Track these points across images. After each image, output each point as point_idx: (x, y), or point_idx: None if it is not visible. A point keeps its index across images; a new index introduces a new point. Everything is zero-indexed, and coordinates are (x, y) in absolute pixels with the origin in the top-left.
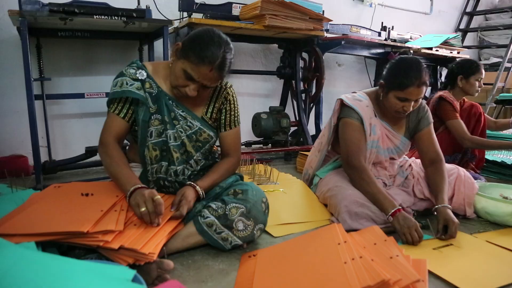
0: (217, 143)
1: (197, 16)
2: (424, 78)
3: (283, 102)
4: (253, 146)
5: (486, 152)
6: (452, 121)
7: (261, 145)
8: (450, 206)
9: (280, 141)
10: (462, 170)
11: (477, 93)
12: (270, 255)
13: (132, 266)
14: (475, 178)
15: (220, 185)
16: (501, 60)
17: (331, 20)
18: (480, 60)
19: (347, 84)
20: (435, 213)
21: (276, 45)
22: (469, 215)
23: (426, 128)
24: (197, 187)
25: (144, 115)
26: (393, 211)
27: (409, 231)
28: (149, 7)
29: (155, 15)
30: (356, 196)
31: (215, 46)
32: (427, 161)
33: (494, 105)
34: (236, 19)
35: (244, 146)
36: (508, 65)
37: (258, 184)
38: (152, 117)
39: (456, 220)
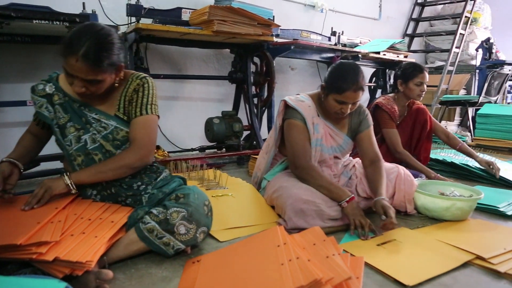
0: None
1: (146, 21)
2: (360, 83)
3: (236, 106)
4: (207, 151)
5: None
6: (387, 130)
7: (215, 150)
8: (387, 199)
9: (233, 145)
10: (402, 169)
11: (419, 98)
12: (214, 260)
13: (69, 277)
14: (416, 176)
15: (163, 190)
16: (445, 63)
17: (279, 26)
18: (426, 63)
19: (300, 88)
20: (374, 208)
21: (228, 50)
22: (410, 212)
23: (366, 130)
24: (65, 177)
25: (57, 126)
26: (348, 198)
27: (360, 218)
28: (95, 11)
29: (102, 19)
30: (301, 194)
31: (82, 35)
32: (367, 161)
33: (439, 106)
34: (186, 24)
35: (197, 151)
36: (451, 68)
37: (207, 189)
38: (67, 125)
39: (392, 208)
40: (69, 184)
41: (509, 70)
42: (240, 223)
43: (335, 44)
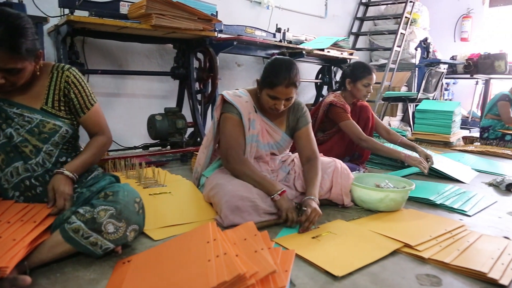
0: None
1: (82, 14)
2: (293, 79)
3: (180, 103)
4: (151, 149)
5: None
6: (345, 122)
7: (160, 148)
8: (316, 199)
9: (177, 142)
10: (339, 163)
11: (365, 98)
12: (144, 260)
13: None
14: (353, 170)
15: (91, 189)
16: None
17: (220, 21)
18: (371, 61)
19: (246, 84)
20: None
21: (171, 45)
22: (347, 204)
23: (304, 128)
24: (65, 171)
25: None
26: (280, 191)
27: (291, 211)
28: (22, 1)
29: (32, 10)
30: (237, 190)
31: None
32: (304, 158)
33: (383, 102)
34: (125, 18)
35: (141, 149)
36: (393, 66)
37: (144, 188)
38: None
39: (317, 208)
40: (73, 177)
41: (444, 69)
42: (176, 221)
43: (280, 41)
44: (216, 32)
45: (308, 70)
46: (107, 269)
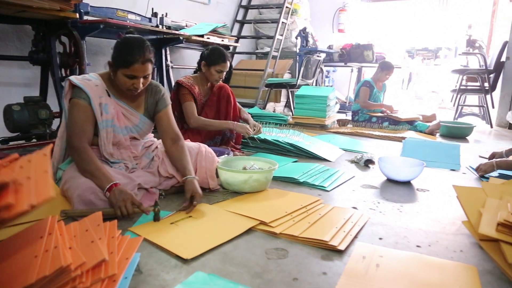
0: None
1: None
2: (147, 56)
3: (44, 91)
4: (12, 142)
5: None
6: (185, 103)
7: (24, 141)
8: (197, 177)
9: (41, 134)
10: (203, 146)
11: (217, 82)
12: None
13: None
14: (222, 153)
15: None
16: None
17: (80, 1)
18: (257, 49)
19: None
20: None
21: (30, 27)
22: (213, 187)
23: (164, 109)
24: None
25: None
26: (109, 186)
27: (124, 204)
28: None
29: None
30: (89, 183)
31: None
32: (168, 140)
33: (266, 88)
34: None
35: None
36: (276, 53)
37: None
38: None
39: (200, 192)
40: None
41: (318, 56)
42: (23, 219)
43: (157, 26)
44: (79, 14)
45: (192, 57)
46: None
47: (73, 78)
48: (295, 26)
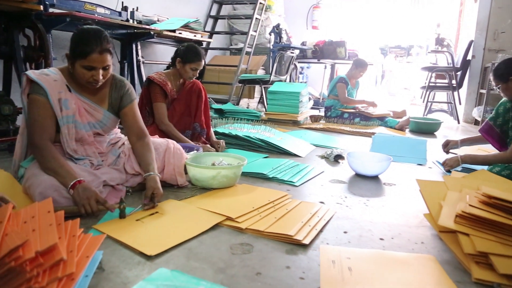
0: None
1: None
2: (105, 45)
3: (7, 86)
4: None
5: (213, 124)
6: (156, 103)
7: None
8: (159, 174)
9: (4, 130)
10: (171, 143)
11: (190, 79)
12: None
13: None
14: (192, 149)
15: None
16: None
17: None
18: (231, 45)
19: None
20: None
21: None
22: (182, 184)
23: (129, 105)
24: None
25: None
26: (72, 183)
27: (88, 202)
28: None
29: None
30: (51, 180)
31: None
32: (134, 137)
33: (239, 84)
34: None
35: None
36: (249, 49)
37: None
38: None
39: (161, 189)
40: None
41: (291, 52)
42: None
43: (127, 20)
44: (44, 6)
45: (165, 53)
46: None
47: (30, 72)
48: (269, 22)
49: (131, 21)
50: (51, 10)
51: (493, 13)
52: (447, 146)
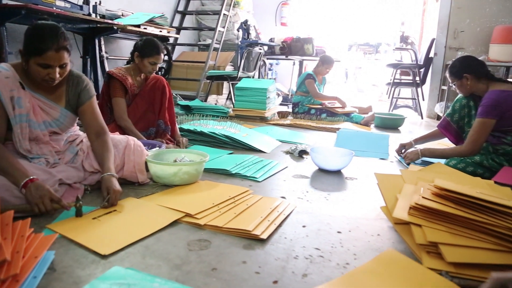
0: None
1: None
2: (62, 43)
3: None
4: None
5: (178, 121)
6: (115, 98)
7: None
8: (115, 174)
9: None
10: (132, 140)
11: (150, 74)
12: None
13: None
14: (154, 146)
15: None
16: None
17: None
18: (199, 41)
19: None
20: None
21: None
22: (142, 181)
23: (88, 102)
24: None
25: None
26: (24, 182)
27: (41, 200)
28: None
29: None
30: (3, 180)
31: None
32: (92, 135)
33: (207, 80)
34: None
35: None
36: (217, 45)
37: None
38: None
39: (117, 188)
40: None
41: (259, 49)
42: None
43: (89, 14)
44: None
45: (130, 48)
46: None
47: None
48: (238, 19)
49: (93, 15)
50: (4, 1)
51: (453, 13)
52: (402, 150)
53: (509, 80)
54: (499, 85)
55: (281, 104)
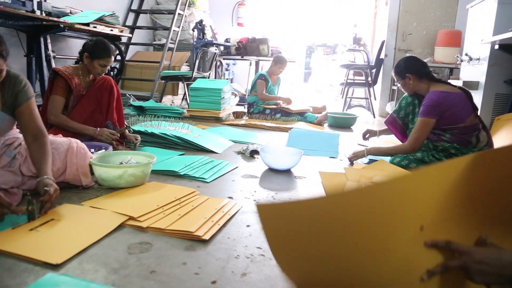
0: None
1: None
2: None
3: None
4: None
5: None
6: (53, 96)
7: None
8: (52, 178)
9: None
10: (74, 142)
11: (99, 76)
12: None
13: None
14: (100, 148)
15: None
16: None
17: None
18: (154, 40)
19: None
20: (37, 188)
21: None
22: (86, 184)
23: (25, 103)
24: None
25: None
26: None
27: None
28: None
29: None
30: None
31: None
32: (30, 138)
33: (162, 81)
34: None
35: None
36: (172, 45)
37: None
38: None
39: (55, 186)
40: None
41: (215, 49)
42: None
43: (33, 11)
44: None
45: (80, 47)
46: None
47: None
48: (193, 18)
49: (38, 12)
50: None
51: (401, 16)
52: (367, 135)
53: (449, 81)
54: (439, 86)
55: (238, 104)
